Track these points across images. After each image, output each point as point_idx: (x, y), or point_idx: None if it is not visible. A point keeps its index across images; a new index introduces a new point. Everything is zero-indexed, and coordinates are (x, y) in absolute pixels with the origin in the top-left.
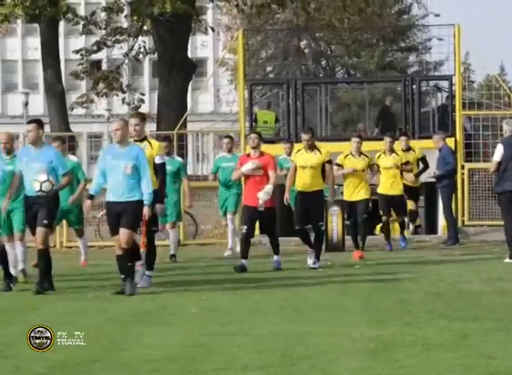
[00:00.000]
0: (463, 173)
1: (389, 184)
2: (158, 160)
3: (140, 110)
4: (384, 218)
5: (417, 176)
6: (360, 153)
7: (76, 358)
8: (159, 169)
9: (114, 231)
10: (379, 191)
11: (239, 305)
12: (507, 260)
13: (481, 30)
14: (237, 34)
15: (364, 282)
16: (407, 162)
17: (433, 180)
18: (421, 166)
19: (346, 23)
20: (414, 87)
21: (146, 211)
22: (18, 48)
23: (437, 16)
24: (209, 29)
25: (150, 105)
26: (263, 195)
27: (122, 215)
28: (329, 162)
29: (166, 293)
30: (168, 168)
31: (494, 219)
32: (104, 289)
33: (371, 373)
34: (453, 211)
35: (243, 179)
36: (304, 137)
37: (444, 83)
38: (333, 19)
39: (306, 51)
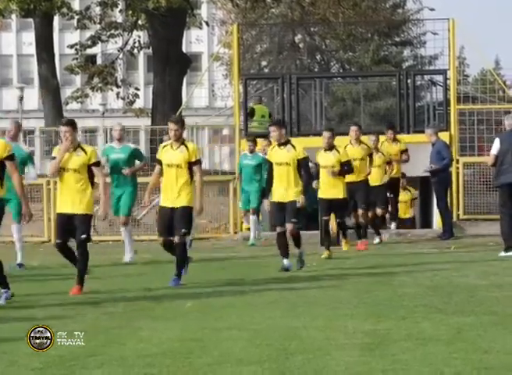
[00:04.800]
0: (457, 167)
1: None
2: None
3: (135, 105)
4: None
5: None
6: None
7: (72, 354)
8: None
9: None
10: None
11: (234, 299)
12: (502, 254)
13: (476, 24)
14: (232, 29)
15: (360, 276)
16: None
17: (428, 174)
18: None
19: (341, 17)
20: (409, 81)
21: None
22: (12, 42)
23: (432, 10)
24: (204, 23)
25: (144, 99)
26: None
27: None
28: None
29: (162, 288)
30: None
31: (489, 213)
32: (100, 284)
33: (366, 367)
34: (448, 205)
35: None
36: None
37: (439, 78)
38: (328, 13)
39: (301, 45)
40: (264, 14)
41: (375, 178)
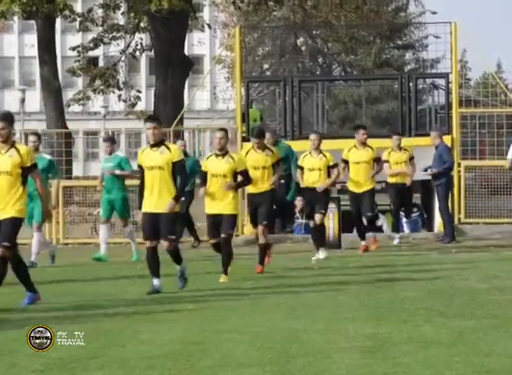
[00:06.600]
0: (459, 171)
1: None
2: None
3: (137, 107)
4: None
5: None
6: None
7: (73, 356)
8: None
9: None
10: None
11: (235, 302)
12: None
13: (478, 27)
14: (234, 31)
15: (361, 279)
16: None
17: (429, 177)
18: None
19: (343, 20)
20: (411, 84)
21: None
22: (15, 44)
23: (434, 13)
24: (206, 26)
25: (146, 102)
26: None
27: None
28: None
29: (163, 290)
30: None
31: (490, 217)
32: (100, 286)
33: (367, 370)
34: (449, 208)
35: None
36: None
37: (441, 81)
38: (330, 16)
39: (303, 48)
40: (266, 17)
41: (314, 181)
